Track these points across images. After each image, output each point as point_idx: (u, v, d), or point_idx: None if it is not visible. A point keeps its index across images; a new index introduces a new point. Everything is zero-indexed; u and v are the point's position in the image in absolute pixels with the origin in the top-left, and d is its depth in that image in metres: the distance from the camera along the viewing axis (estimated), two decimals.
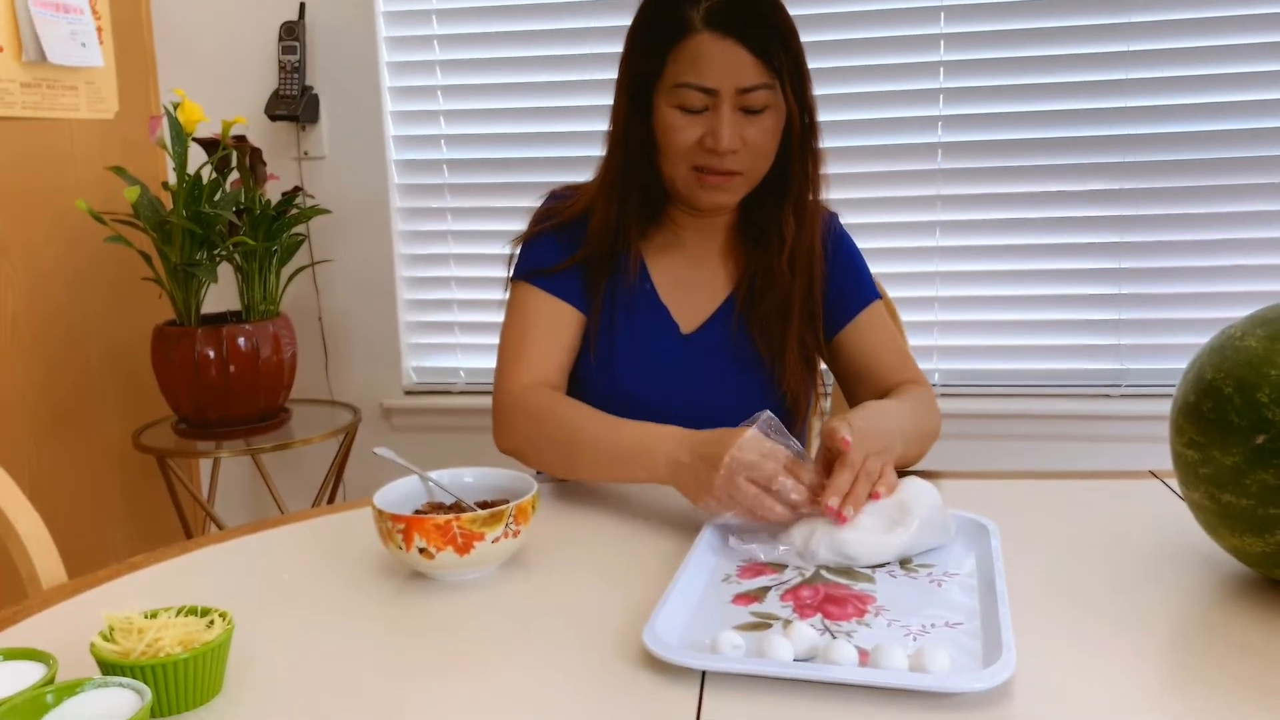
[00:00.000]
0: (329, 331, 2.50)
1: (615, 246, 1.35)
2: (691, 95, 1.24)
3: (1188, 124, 2.12)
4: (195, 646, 0.76)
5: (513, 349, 1.34)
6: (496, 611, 0.93)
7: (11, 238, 2.08)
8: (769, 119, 1.26)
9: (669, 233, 1.40)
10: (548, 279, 1.36)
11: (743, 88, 1.23)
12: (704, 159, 1.26)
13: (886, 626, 0.86)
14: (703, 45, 1.22)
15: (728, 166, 1.26)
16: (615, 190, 1.34)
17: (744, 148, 1.25)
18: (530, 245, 1.39)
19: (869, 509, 1.00)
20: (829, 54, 2.21)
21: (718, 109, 1.23)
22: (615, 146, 1.33)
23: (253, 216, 2.13)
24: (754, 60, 1.22)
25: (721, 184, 1.28)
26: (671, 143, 1.27)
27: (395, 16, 2.39)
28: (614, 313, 1.37)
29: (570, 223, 1.38)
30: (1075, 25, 2.13)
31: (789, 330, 1.35)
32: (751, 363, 1.37)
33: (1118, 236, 2.18)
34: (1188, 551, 1.01)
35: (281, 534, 1.14)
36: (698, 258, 1.40)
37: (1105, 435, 2.20)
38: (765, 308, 1.36)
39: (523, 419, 1.28)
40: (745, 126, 1.25)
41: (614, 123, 1.34)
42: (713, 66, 1.22)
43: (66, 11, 2.14)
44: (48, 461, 2.16)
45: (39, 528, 1.12)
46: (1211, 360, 0.90)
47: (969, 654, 0.80)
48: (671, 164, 1.29)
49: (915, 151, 2.22)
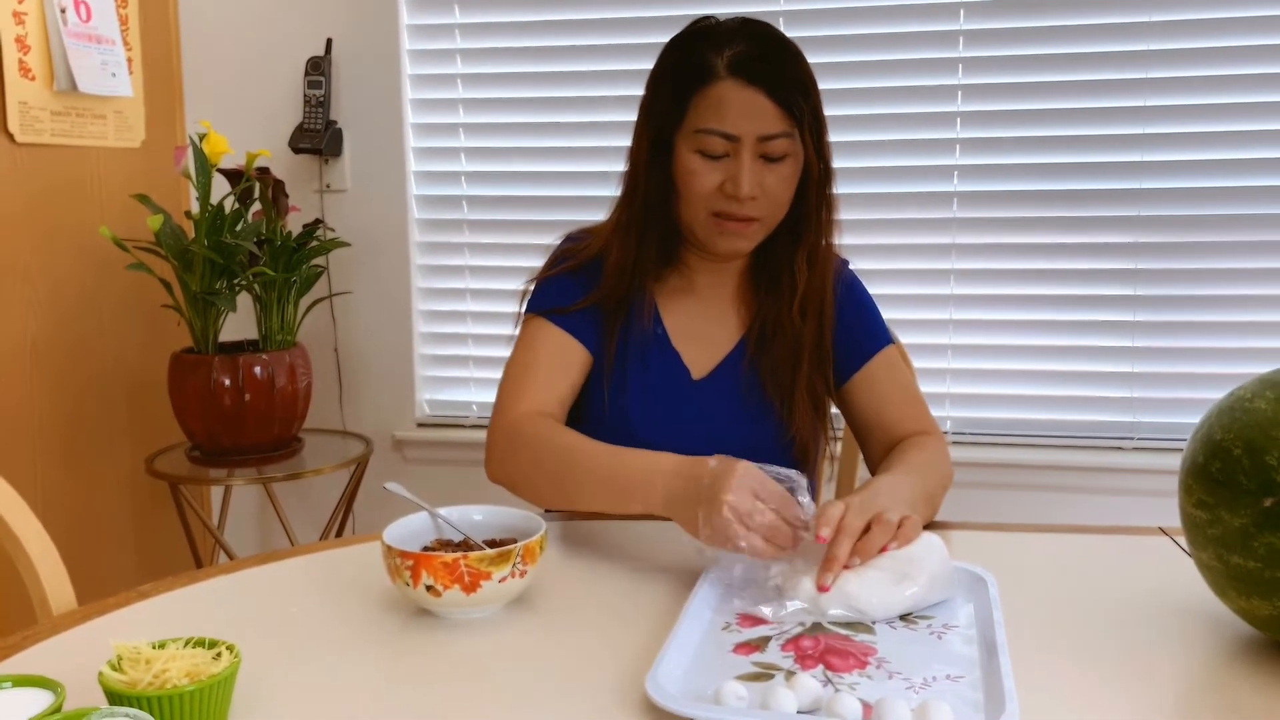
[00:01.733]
0: (344, 362, 2.52)
1: (629, 289, 1.36)
2: (713, 141, 1.25)
3: (1205, 179, 2.13)
4: (202, 679, 0.76)
5: (515, 380, 1.34)
6: (501, 652, 0.93)
7: (35, 262, 2.10)
8: (788, 167, 1.27)
9: (682, 277, 1.41)
10: (561, 317, 1.36)
11: (764, 135, 1.24)
12: (723, 205, 1.27)
13: (888, 679, 0.85)
14: (726, 92, 1.24)
15: (746, 213, 1.27)
16: (632, 233, 1.34)
17: (763, 195, 1.27)
18: (545, 284, 1.40)
19: (879, 563, 1.00)
20: (848, 101, 2.23)
21: (738, 155, 1.25)
22: (633, 190, 1.35)
23: (273, 247, 2.16)
24: (775, 109, 1.24)
25: (740, 230, 1.29)
26: (692, 188, 1.28)
27: (420, 54, 2.43)
28: (625, 356, 1.37)
29: (586, 265, 1.39)
30: (1093, 80, 2.15)
31: (798, 376, 1.35)
32: (762, 408, 1.37)
33: (1133, 289, 2.19)
34: (1194, 611, 1.00)
35: (290, 566, 1.15)
36: (710, 302, 1.41)
37: (1116, 488, 2.19)
38: (775, 353, 1.36)
39: (519, 445, 1.26)
40: (764, 174, 1.26)
41: (632, 165, 1.35)
42: (736, 113, 1.24)
43: (99, 42, 2.18)
44: (59, 484, 2.17)
45: (50, 551, 1.13)
46: (1221, 421, 0.90)
47: (971, 705, 0.80)
48: (691, 209, 1.30)
49: (931, 199, 2.24)
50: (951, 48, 2.19)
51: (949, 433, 2.28)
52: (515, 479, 1.27)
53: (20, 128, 2.03)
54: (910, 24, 2.20)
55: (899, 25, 2.20)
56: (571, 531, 1.25)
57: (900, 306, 2.25)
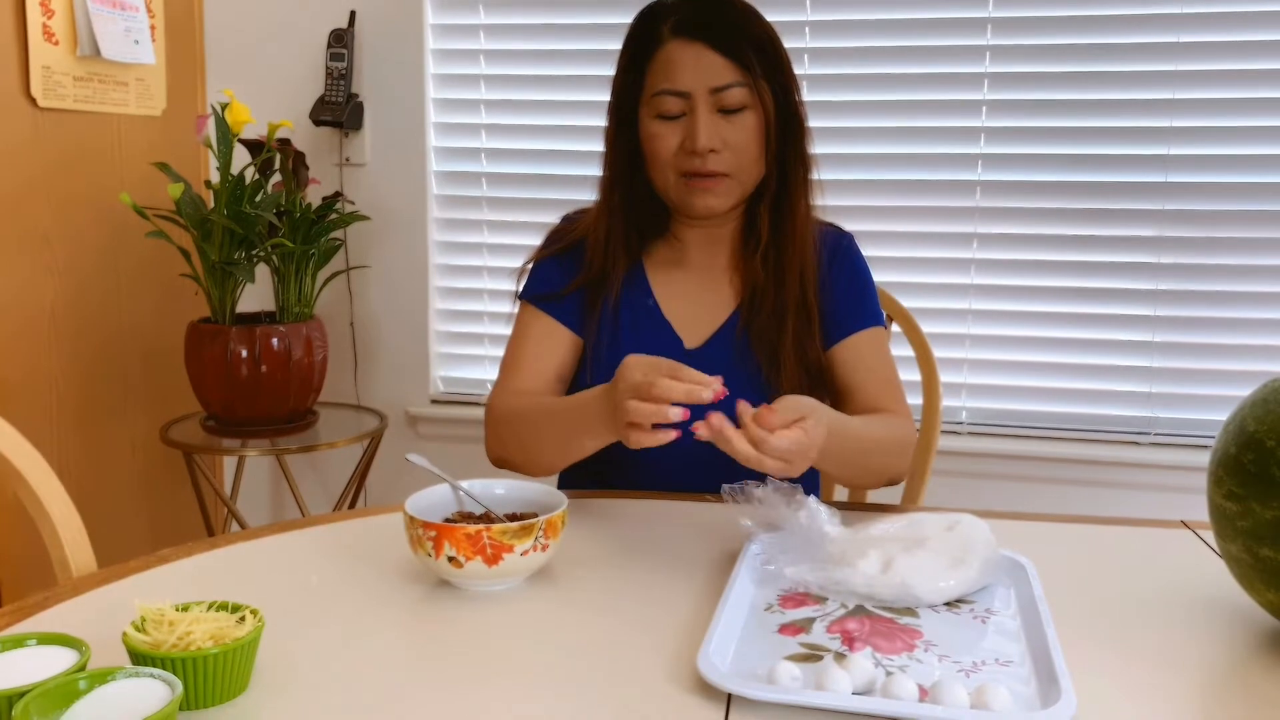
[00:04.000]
0: (360, 337, 2.52)
1: (614, 264, 1.37)
2: (668, 101, 1.29)
3: (1230, 175, 2.11)
4: (226, 642, 0.76)
5: (505, 369, 1.40)
6: (520, 625, 0.93)
7: (55, 228, 2.10)
8: (749, 118, 1.29)
9: (673, 248, 1.42)
10: (548, 303, 1.39)
11: (714, 87, 1.27)
12: (688, 163, 1.29)
13: (938, 662, 0.85)
14: (672, 52, 1.29)
15: (711, 167, 1.29)
16: (607, 209, 1.38)
17: (725, 148, 1.29)
18: (536, 269, 1.43)
19: (931, 546, 0.99)
20: (874, 87, 2.21)
21: (694, 111, 1.28)
22: (606, 165, 1.38)
23: (292, 219, 2.16)
24: (723, 60, 1.27)
25: (710, 187, 1.30)
26: (656, 151, 1.31)
27: (444, 29, 2.42)
28: (616, 329, 1.38)
29: (573, 246, 1.41)
30: (1120, 71, 2.13)
31: (784, 338, 1.34)
32: (757, 377, 1.36)
33: (1154, 284, 2.17)
34: (1222, 604, 0.99)
35: (309, 535, 1.15)
36: (702, 273, 1.41)
37: (1131, 482, 2.19)
38: (763, 317, 1.36)
39: (501, 425, 1.32)
40: (724, 127, 1.28)
41: (605, 143, 1.39)
42: (683, 70, 1.28)
43: (123, 9, 2.17)
44: (75, 449, 2.18)
45: (72, 514, 1.13)
46: (1254, 413, 0.89)
47: (1024, 691, 0.80)
48: (660, 173, 1.33)
49: (954, 188, 2.22)
50: (979, 35, 2.17)
51: (964, 422, 2.27)
52: (506, 455, 1.32)
53: (43, 92, 2.03)
54: (938, 10, 2.18)
55: (927, 11, 2.19)
56: (592, 507, 1.25)
57: (919, 295, 2.24)
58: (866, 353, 1.38)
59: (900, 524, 1.04)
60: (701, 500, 1.27)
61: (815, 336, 1.36)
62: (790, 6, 2.21)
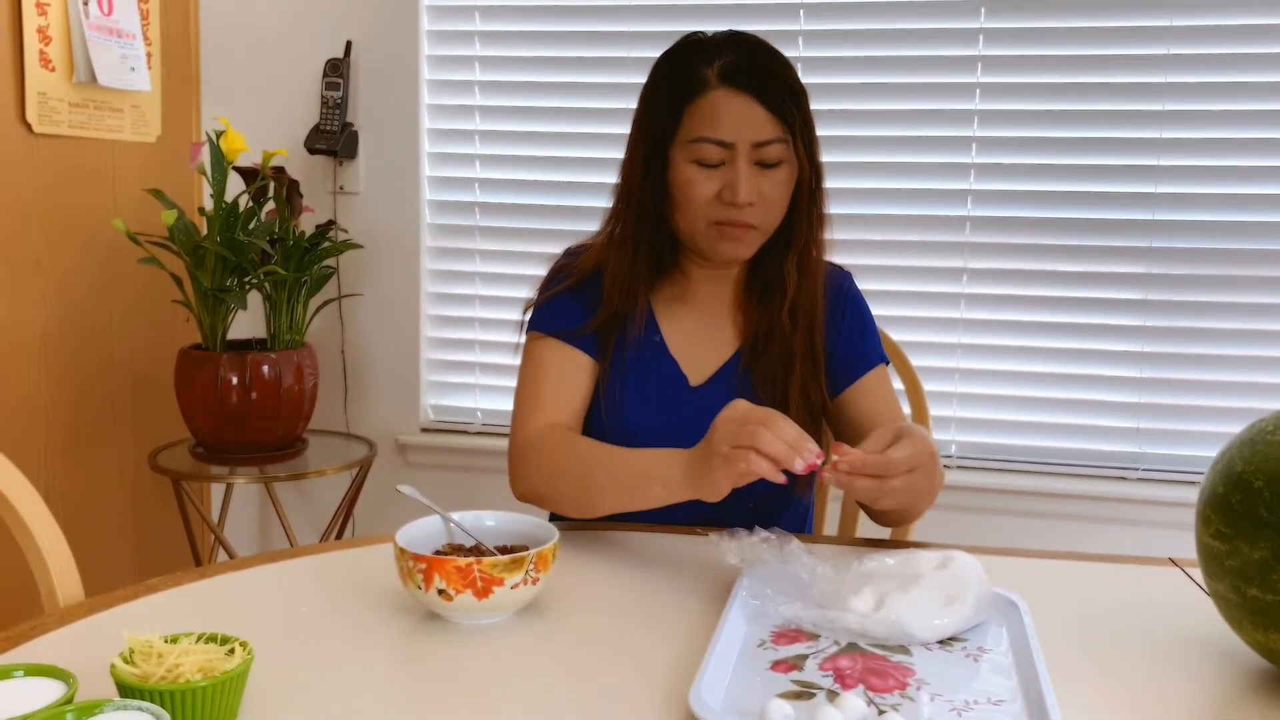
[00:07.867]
0: (350, 364, 2.52)
1: (633, 300, 1.37)
2: (708, 150, 1.27)
3: (1218, 213, 2.13)
4: (215, 674, 0.76)
5: (529, 397, 1.36)
6: (510, 659, 0.93)
7: (48, 254, 2.10)
8: (783, 173, 1.29)
9: (679, 286, 1.42)
10: (569, 337, 1.38)
11: (758, 141, 1.26)
12: (722, 213, 1.29)
13: (930, 701, 0.85)
14: (718, 100, 1.27)
15: (745, 219, 1.29)
16: (628, 246, 1.36)
17: (760, 201, 1.28)
18: (547, 305, 1.41)
19: (925, 584, 0.99)
20: (864, 122, 2.24)
21: (734, 163, 1.27)
22: (628, 202, 1.36)
23: (285, 247, 2.16)
24: (768, 115, 1.26)
25: (740, 236, 1.30)
26: (690, 197, 1.29)
27: (439, 60, 2.43)
28: (623, 364, 1.38)
29: (584, 280, 1.40)
30: (1108, 110, 2.15)
31: (791, 383, 1.35)
32: None
33: (1142, 320, 2.19)
34: (1211, 643, 0.99)
35: (299, 566, 1.14)
36: (707, 311, 1.41)
37: (1118, 518, 2.19)
38: (769, 360, 1.36)
39: (539, 458, 1.29)
40: (760, 180, 1.28)
41: (627, 179, 1.37)
42: (729, 121, 1.26)
43: (120, 36, 2.18)
44: (61, 474, 2.17)
45: (60, 541, 1.12)
46: (1242, 453, 0.90)
47: None
48: (689, 219, 1.31)
49: (944, 223, 2.24)
50: (969, 73, 2.20)
51: (953, 456, 2.28)
52: (540, 491, 1.29)
53: (38, 118, 2.04)
54: (929, 48, 2.21)
55: (917, 49, 2.21)
56: (584, 540, 1.25)
57: (909, 329, 2.25)
58: (877, 394, 1.39)
59: (892, 560, 1.04)
60: (694, 534, 1.27)
61: (821, 381, 1.37)
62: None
